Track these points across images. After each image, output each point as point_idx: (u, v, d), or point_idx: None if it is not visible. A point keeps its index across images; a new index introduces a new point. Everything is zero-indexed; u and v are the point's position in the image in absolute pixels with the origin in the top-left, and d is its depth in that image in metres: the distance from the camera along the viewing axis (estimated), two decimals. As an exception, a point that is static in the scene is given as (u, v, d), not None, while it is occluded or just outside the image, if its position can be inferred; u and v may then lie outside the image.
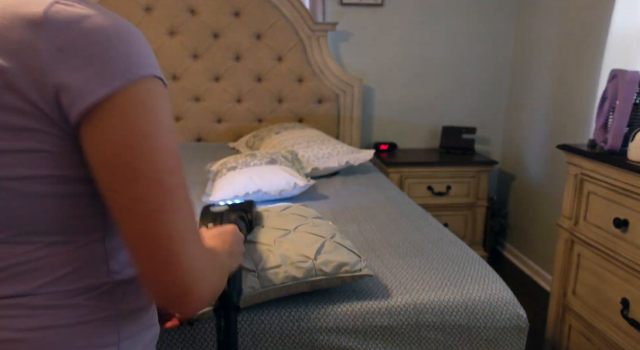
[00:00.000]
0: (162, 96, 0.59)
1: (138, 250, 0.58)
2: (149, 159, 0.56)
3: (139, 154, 0.56)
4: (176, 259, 0.57)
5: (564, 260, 1.93)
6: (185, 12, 2.74)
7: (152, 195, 0.57)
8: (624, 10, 2.18)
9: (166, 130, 0.58)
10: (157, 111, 0.58)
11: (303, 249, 1.17)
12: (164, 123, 0.58)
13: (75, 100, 0.54)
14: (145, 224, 0.57)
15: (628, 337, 1.60)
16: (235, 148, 2.75)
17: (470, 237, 2.98)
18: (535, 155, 2.93)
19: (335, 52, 2.99)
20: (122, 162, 0.56)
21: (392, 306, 1.18)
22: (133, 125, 0.56)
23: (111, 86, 0.55)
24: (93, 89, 0.54)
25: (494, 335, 1.21)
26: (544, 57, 2.83)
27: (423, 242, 1.53)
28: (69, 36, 0.55)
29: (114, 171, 0.56)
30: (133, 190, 0.56)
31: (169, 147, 0.58)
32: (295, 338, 1.13)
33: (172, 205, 0.58)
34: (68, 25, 0.55)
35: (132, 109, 0.56)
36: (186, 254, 0.58)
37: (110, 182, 0.57)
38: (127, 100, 0.56)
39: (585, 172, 1.79)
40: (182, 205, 0.59)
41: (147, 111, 0.57)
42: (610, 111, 1.69)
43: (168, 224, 0.57)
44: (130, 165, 0.56)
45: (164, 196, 0.57)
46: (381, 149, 3.07)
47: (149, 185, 0.57)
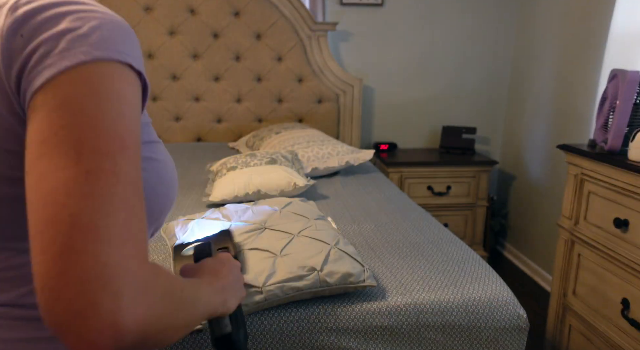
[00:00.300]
0: (121, 81, 0.51)
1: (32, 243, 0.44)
2: (73, 135, 0.46)
3: (62, 130, 0.46)
4: (76, 257, 0.42)
5: (564, 260, 1.93)
6: (185, 12, 2.74)
7: (61, 172, 0.45)
8: (624, 11, 2.18)
9: (114, 114, 0.49)
10: (107, 93, 0.49)
11: (308, 259, 1.16)
12: (112, 106, 0.49)
13: (27, 83, 0.49)
14: (46, 206, 0.44)
15: (628, 337, 1.60)
16: (235, 148, 2.75)
17: (470, 237, 2.98)
18: (536, 155, 2.93)
19: (335, 52, 2.99)
20: (41, 138, 0.46)
21: (392, 306, 1.18)
22: (68, 102, 0.47)
23: (58, 67, 0.48)
24: (42, 71, 0.48)
25: (494, 335, 1.21)
26: (544, 57, 2.83)
27: (423, 242, 1.53)
28: (34, 21, 0.50)
29: (31, 149, 0.47)
30: (43, 165, 0.45)
31: (110, 130, 0.48)
32: (295, 338, 1.13)
33: (88, 190, 0.44)
34: (37, 11, 0.51)
35: (72, 87, 0.48)
36: (95, 256, 0.42)
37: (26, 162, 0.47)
38: (72, 79, 0.48)
39: (586, 172, 1.79)
40: (108, 197, 0.45)
41: (92, 91, 0.48)
42: (611, 111, 1.69)
43: (73, 210, 0.43)
44: (48, 141, 0.46)
45: (77, 176, 0.45)
46: (381, 149, 3.07)
47: (62, 160, 0.45)
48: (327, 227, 1.34)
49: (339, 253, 1.21)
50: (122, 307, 0.42)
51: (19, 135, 0.51)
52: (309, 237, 1.26)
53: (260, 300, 1.09)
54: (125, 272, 0.43)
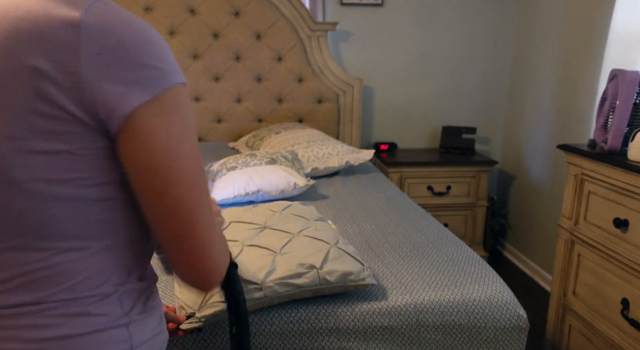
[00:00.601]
0: (189, 101, 0.62)
1: (180, 244, 0.62)
2: (186, 160, 0.60)
3: (180, 157, 0.60)
4: (209, 246, 0.64)
5: (564, 260, 1.93)
6: (185, 12, 2.74)
7: (192, 194, 0.61)
8: (624, 10, 2.18)
9: (194, 133, 0.63)
10: (188, 115, 0.61)
11: (308, 257, 1.16)
12: (193, 126, 0.62)
13: (115, 105, 0.55)
14: (188, 220, 0.61)
15: (628, 337, 1.60)
16: (235, 148, 2.75)
17: (470, 237, 2.98)
18: (535, 155, 2.93)
19: (335, 52, 2.99)
20: (165, 165, 0.59)
21: (392, 306, 1.18)
22: (171, 129, 0.59)
23: (150, 93, 0.57)
24: (132, 95, 0.56)
25: (494, 335, 1.21)
26: (544, 57, 2.83)
27: (423, 242, 1.53)
28: (107, 40, 0.55)
29: (158, 174, 0.59)
30: (177, 191, 0.60)
31: (197, 149, 0.63)
32: (296, 339, 1.13)
33: (204, 201, 0.63)
34: (106, 29, 0.55)
35: (169, 114, 0.58)
36: (215, 241, 0.65)
37: (154, 184, 0.59)
38: (164, 106, 0.58)
39: (586, 172, 1.79)
40: (208, 199, 0.64)
41: (181, 116, 0.60)
42: (611, 111, 1.69)
43: (204, 219, 0.63)
44: (173, 168, 0.59)
45: (199, 194, 0.62)
46: (381, 149, 3.06)
47: (189, 185, 0.61)
48: (326, 228, 1.34)
49: (339, 252, 1.21)
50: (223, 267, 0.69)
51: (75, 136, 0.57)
52: (309, 236, 1.26)
53: (259, 296, 1.09)
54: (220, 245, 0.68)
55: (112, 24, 0.56)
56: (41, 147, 0.56)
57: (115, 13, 0.57)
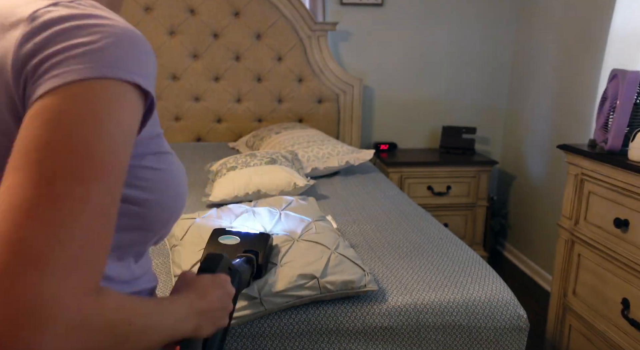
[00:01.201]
0: (121, 103, 0.50)
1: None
2: (54, 154, 0.45)
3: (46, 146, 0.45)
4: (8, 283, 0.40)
5: (564, 260, 1.93)
6: (185, 12, 2.74)
7: (29, 190, 0.43)
8: (625, 10, 2.18)
9: (103, 139, 0.48)
10: (101, 116, 0.48)
11: (308, 267, 1.15)
12: (102, 130, 0.48)
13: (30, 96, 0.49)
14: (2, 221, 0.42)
15: (628, 337, 1.60)
16: (235, 148, 2.75)
17: (470, 237, 2.98)
18: (535, 155, 2.93)
19: (335, 52, 2.99)
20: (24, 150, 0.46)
21: (392, 307, 1.18)
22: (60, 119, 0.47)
23: (62, 79, 0.48)
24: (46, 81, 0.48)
25: (494, 335, 1.21)
26: (544, 57, 2.83)
27: (423, 242, 1.53)
28: (49, 33, 0.50)
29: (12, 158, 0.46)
30: (16, 178, 0.44)
31: (91, 156, 0.47)
32: (295, 340, 1.13)
33: (48, 216, 0.43)
34: (53, 22, 0.51)
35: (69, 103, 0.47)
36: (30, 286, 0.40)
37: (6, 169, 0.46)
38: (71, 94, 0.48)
39: (586, 172, 1.79)
40: (67, 225, 0.43)
41: (86, 111, 0.48)
42: (611, 111, 1.69)
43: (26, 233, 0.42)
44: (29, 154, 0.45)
45: (42, 198, 0.43)
46: (381, 149, 3.06)
47: (35, 177, 0.44)
48: (327, 229, 1.34)
49: (340, 258, 1.20)
50: (42, 342, 0.39)
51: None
52: (309, 240, 1.25)
53: (260, 310, 1.09)
54: (59, 305, 0.41)
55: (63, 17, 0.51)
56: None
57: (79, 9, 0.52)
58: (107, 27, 0.52)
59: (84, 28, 0.50)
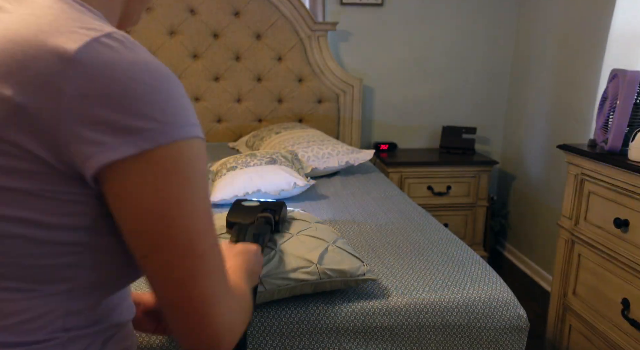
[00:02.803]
0: (200, 158, 0.54)
1: (172, 313, 0.55)
2: (180, 225, 0.52)
3: (170, 221, 0.51)
4: (209, 320, 0.55)
5: (564, 260, 1.93)
6: (185, 12, 2.74)
7: (185, 261, 0.53)
8: (625, 10, 2.18)
9: (200, 193, 0.54)
10: (193, 176, 0.52)
11: (306, 253, 1.17)
12: (199, 186, 0.53)
13: (91, 154, 0.48)
14: (178, 290, 0.54)
15: (628, 337, 1.60)
16: (235, 148, 2.75)
17: (470, 237, 2.98)
18: (535, 155, 2.93)
19: (335, 52, 2.99)
20: (151, 229, 0.51)
21: (392, 306, 1.18)
22: (163, 191, 0.50)
23: (138, 146, 0.48)
24: (114, 146, 0.48)
25: (494, 335, 1.21)
26: (544, 56, 2.83)
27: (423, 242, 1.53)
28: (98, 82, 0.48)
29: (143, 236, 0.52)
30: (164, 257, 0.52)
31: (201, 209, 0.54)
32: (295, 339, 1.13)
33: (205, 270, 0.54)
34: (101, 69, 0.48)
35: (162, 173, 0.50)
36: (219, 314, 0.56)
37: (139, 247, 0.53)
38: (157, 163, 0.50)
39: (586, 172, 1.79)
40: (214, 266, 0.56)
41: (180, 177, 0.51)
42: (611, 111, 1.69)
43: (201, 289, 0.54)
44: (160, 232, 0.52)
45: (196, 262, 0.54)
46: (381, 149, 3.06)
47: (181, 251, 0.53)
48: (326, 229, 1.34)
49: (338, 250, 1.21)
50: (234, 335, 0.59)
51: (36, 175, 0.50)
52: (308, 235, 1.26)
53: (260, 290, 1.09)
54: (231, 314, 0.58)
55: (111, 64, 0.48)
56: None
57: (124, 51, 0.49)
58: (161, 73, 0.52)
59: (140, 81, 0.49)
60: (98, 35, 0.49)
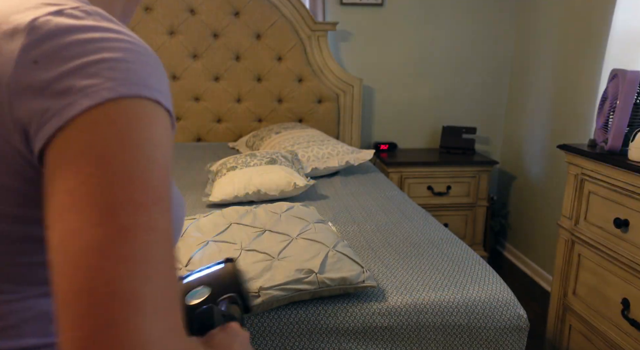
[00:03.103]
0: (152, 122, 0.45)
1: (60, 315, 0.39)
2: (103, 185, 0.41)
3: (90, 178, 0.41)
4: (116, 332, 0.37)
5: (564, 260, 1.93)
6: (185, 12, 2.74)
7: (94, 228, 0.39)
8: (625, 10, 2.18)
9: (146, 162, 0.44)
10: (137, 137, 0.43)
11: (307, 262, 1.16)
12: (143, 152, 0.44)
13: (40, 123, 0.43)
14: (78, 271, 0.38)
15: (628, 337, 1.60)
16: (235, 148, 2.75)
17: (470, 237, 2.98)
18: (535, 155, 2.92)
19: (335, 52, 2.99)
20: (66, 188, 0.41)
21: (392, 306, 1.18)
22: (95, 148, 0.42)
23: (81, 105, 0.42)
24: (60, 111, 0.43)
25: (494, 335, 1.21)
26: (544, 56, 2.83)
27: (423, 242, 1.53)
28: (51, 46, 0.44)
29: (55, 199, 0.41)
30: (72, 220, 0.40)
31: (143, 179, 0.43)
32: (295, 339, 1.13)
33: (125, 251, 0.39)
34: (55, 35, 0.44)
35: (97, 130, 0.42)
36: (138, 331, 0.38)
37: (48, 214, 0.42)
38: (97, 118, 0.43)
39: (586, 172, 1.79)
40: (147, 258, 0.40)
41: (120, 135, 0.43)
42: (611, 111, 1.69)
43: (110, 275, 0.38)
44: (76, 190, 0.41)
45: (112, 234, 0.40)
46: (381, 149, 3.06)
47: (94, 214, 0.40)
48: (325, 230, 1.34)
49: (338, 255, 1.21)
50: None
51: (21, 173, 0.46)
52: (308, 239, 1.25)
53: (258, 303, 1.09)
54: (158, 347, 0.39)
55: (66, 29, 0.44)
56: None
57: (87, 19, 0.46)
58: (115, 41, 0.46)
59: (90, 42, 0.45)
60: (64, 8, 0.46)
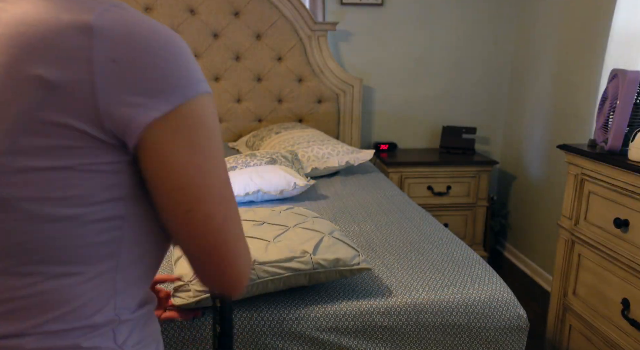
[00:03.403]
0: (214, 111, 0.59)
1: (210, 257, 0.61)
2: (214, 176, 0.58)
3: (206, 173, 0.57)
4: (237, 257, 0.62)
5: (564, 260, 1.93)
6: (185, 12, 2.74)
7: (222, 210, 0.59)
8: (625, 10, 2.18)
9: (220, 146, 0.60)
10: (213, 127, 0.58)
11: (301, 244, 1.17)
12: (218, 138, 0.59)
13: (132, 118, 0.52)
14: (219, 235, 0.59)
15: (628, 337, 1.60)
16: (235, 148, 2.75)
17: (470, 237, 2.98)
18: (535, 155, 2.93)
19: (335, 52, 2.99)
20: (192, 183, 0.56)
21: (392, 306, 1.18)
22: (197, 144, 0.56)
23: (172, 103, 0.53)
24: (151, 106, 0.52)
25: (494, 335, 1.21)
26: (544, 56, 2.83)
27: (423, 242, 1.53)
28: (124, 46, 0.51)
29: (185, 192, 0.56)
30: (206, 208, 0.58)
31: (223, 162, 0.60)
32: (295, 337, 1.13)
33: (232, 215, 0.61)
34: (122, 33, 0.51)
35: (193, 126, 0.55)
36: (242, 252, 0.63)
37: (182, 202, 0.57)
38: (188, 118, 0.55)
39: (586, 172, 1.79)
40: (236, 211, 0.62)
41: (206, 128, 0.57)
42: (611, 111, 1.69)
43: (232, 233, 0.61)
44: (201, 185, 0.57)
45: (228, 209, 0.60)
46: (381, 149, 3.06)
47: (218, 201, 0.59)
48: (323, 222, 1.34)
49: (333, 240, 1.21)
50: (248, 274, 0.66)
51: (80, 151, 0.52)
52: (304, 228, 1.26)
53: (253, 277, 1.08)
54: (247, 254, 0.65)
55: (129, 28, 0.52)
56: (35, 163, 0.50)
57: (134, 17, 0.53)
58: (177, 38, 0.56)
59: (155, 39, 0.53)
60: (106, 6, 0.53)
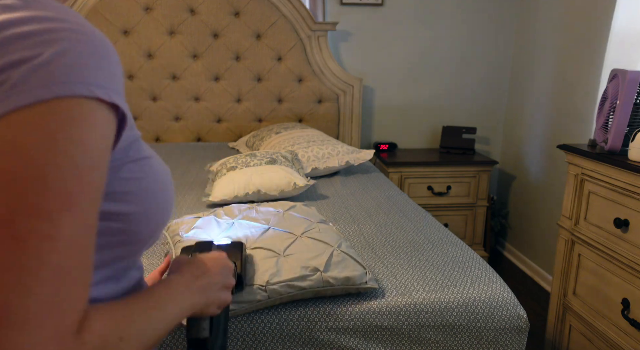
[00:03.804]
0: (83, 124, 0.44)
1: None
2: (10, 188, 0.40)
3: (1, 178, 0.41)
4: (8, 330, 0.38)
5: (564, 260, 1.93)
6: (185, 12, 2.74)
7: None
8: (625, 10, 2.18)
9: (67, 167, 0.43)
10: (62, 142, 0.42)
11: (312, 260, 1.17)
12: (65, 157, 0.43)
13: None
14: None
15: (628, 337, 1.60)
16: (235, 148, 2.75)
17: (470, 237, 2.98)
18: (535, 155, 2.93)
19: (335, 52, 2.99)
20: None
21: (392, 306, 1.18)
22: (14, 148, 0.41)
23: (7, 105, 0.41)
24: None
25: (494, 335, 1.21)
26: (544, 56, 2.83)
27: (423, 242, 1.53)
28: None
29: None
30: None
31: (56, 185, 0.42)
32: (295, 337, 1.13)
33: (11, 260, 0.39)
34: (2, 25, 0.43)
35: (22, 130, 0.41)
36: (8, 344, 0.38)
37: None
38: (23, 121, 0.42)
39: (586, 172, 1.79)
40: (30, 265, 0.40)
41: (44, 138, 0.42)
42: (611, 111, 1.69)
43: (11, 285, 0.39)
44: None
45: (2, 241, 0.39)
46: (381, 149, 3.06)
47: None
48: (329, 230, 1.35)
49: (342, 255, 1.21)
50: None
51: None
52: (312, 238, 1.26)
53: (263, 298, 1.09)
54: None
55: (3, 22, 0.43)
56: None
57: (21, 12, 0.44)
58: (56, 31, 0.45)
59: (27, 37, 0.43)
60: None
